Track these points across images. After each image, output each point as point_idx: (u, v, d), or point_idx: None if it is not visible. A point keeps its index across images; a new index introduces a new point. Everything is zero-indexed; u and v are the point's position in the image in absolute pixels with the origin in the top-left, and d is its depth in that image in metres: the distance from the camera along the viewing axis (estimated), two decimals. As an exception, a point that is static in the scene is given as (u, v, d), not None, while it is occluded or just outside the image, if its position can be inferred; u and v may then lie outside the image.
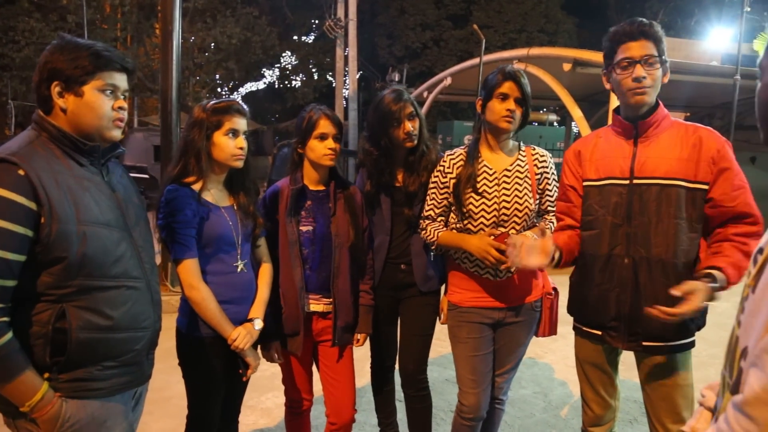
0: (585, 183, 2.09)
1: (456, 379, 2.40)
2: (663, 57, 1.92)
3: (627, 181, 1.97)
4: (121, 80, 1.57)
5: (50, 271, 1.44)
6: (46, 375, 1.48)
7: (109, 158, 1.65)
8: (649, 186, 1.93)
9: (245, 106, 2.08)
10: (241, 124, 2.02)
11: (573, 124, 14.68)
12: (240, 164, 2.05)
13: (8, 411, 1.50)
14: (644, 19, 1.93)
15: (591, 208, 2.05)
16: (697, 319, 1.96)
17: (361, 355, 2.70)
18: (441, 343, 2.40)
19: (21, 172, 1.39)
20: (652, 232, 1.92)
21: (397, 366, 2.65)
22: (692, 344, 2.00)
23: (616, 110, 2.07)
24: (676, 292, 1.71)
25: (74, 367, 1.50)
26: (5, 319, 1.40)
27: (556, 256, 2.00)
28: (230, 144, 2.00)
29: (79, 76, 1.50)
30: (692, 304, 1.69)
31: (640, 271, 1.93)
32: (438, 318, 2.56)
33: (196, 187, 2.00)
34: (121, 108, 1.58)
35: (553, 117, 22.17)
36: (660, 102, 1.99)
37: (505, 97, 2.20)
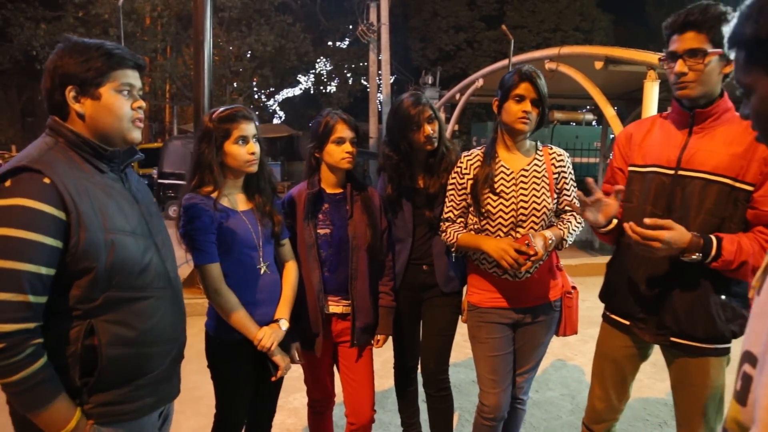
0: (630, 168, 2.04)
1: (476, 379, 2.41)
2: (719, 47, 1.75)
3: (672, 171, 1.89)
4: (135, 78, 1.50)
5: (78, 283, 1.37)
6: (77, 401, 1.41)
7: (128, 164, 1.58)
8: (693, 179, 1.84)
9: (250, 110, 2.08)
10: (249, 129, 2.03)
11: (610, 123, 14.35)
12: (254, 169, 2.07)
13: None
14: (697, 6, 1.76)
15: (631, 194, 2.00)
16: (734, 326, 1.86)
17: (388, 356, 2.72)
18: (469, 345, 2.41)
19: (46, 181, 1.31)
20: (690, 227, 1.79)
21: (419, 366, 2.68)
22: (727, 350, 1.91)
23: (676, 97, 1.94)
24: (648, 221, 1.74)
25: (105, 388, 1.43)
26: (39, 340, 1.31)
27: (614, 222, 1.98)
28: (242, 151, 2.02)
29: (94, 78, 1.41)
30: (660, 233, 1.71)
31: (673, 264, 1.86)
32: (460, 316, 2.57)
33: (214, 194, 2.02)
34: (140, 107, 1.51)
35: (590, 117, 21.79)
36: (725, 93, 1.87)
37: (520, 99, 2.18)
